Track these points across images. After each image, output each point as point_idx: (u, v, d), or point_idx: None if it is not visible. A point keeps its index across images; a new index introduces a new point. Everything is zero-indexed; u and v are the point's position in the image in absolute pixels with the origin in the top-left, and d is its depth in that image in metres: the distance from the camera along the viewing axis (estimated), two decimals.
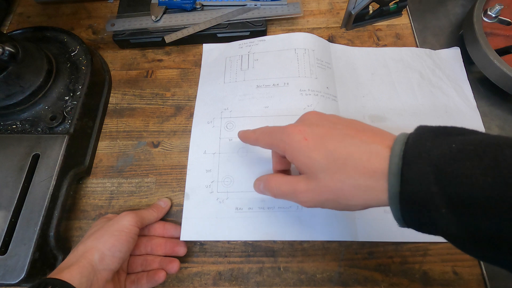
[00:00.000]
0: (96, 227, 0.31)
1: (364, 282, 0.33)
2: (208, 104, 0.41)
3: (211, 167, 0.37)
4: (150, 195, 0.38)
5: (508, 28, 0.41)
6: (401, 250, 0.34)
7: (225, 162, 0.36)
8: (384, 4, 0.45)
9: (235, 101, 0.40)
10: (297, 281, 0.34)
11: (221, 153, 0.37)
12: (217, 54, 0.45)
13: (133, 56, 0.47)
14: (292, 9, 0.45)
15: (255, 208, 0.34)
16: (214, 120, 0.39)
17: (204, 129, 0.39)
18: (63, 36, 0.43)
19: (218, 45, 0.46)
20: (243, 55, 0.43)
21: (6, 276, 0.30)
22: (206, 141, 0.38)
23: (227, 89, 0.41)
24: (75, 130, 0.37)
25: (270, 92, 0.39)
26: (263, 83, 0.40)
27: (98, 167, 0.40)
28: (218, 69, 0.43)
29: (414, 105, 0.40)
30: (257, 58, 0.42)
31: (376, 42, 0.46)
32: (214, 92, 0.41)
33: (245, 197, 0.35)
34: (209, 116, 0.40)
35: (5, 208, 0.32)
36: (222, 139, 0.38)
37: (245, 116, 0.38)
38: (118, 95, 0.44)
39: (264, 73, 0.41)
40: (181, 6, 0.45)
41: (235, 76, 0.42)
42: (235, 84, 0.41)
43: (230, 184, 0.35)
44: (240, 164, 0.36)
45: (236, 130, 0.37)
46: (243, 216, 0.34)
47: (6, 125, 0.37)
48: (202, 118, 0.40)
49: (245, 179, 0.35)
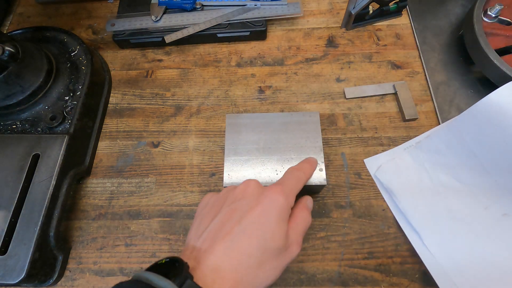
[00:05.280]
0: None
1: (364, 282, 0.33)
2: None
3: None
4: (150, 195, 0.38)
5: (508, 28, 0.41)
6: (401, 250, 0.34)
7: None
8: (384, 4, 0.45)
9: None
10: (297, 281, 0.34)
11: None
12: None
13: (133, 56, 0.47)
14: (292, 9, 0.45)
15: None
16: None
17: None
18: (63, 36, 0.43)
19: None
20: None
21: (6, 276, 0.30)
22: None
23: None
24: (75, 130, 0.37)
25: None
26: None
27: (98, 167, 0.40)
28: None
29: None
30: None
31: (376, 42, 0.46)
32: None
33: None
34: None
35: (5, 208, 0.32)
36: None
37: None
38: (118, 95, 0.44)
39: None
40: (181, 6, 0.45)
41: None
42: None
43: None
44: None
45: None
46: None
47: (6, 125, 0.37)
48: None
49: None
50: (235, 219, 0.23)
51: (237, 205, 0.24)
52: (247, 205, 0.24)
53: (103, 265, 0.35)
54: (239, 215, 0.23)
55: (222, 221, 0.23)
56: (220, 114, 0.42)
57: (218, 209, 0.25)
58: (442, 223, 0.33)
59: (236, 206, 0.24)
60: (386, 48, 0.46)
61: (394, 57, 0.45)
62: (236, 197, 0.25)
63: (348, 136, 0.40)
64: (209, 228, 0.23)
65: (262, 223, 0.23)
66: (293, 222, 0.25)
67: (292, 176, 0.27)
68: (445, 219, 0.33)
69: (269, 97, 0.43)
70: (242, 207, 0.23)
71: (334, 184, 0.38)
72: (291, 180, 0.27)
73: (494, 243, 0.31)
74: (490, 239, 0.32)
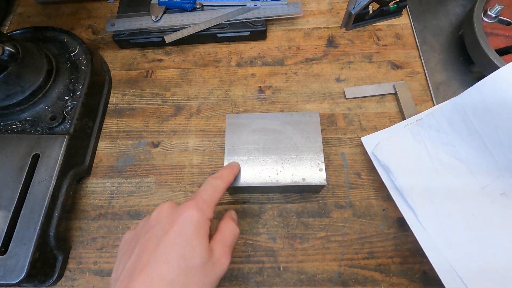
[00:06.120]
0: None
1: (364, 282, 0.33)
2: None
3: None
4: (150, 195, 0.38)
5: (508, 28, 0.41)
6: (401, 250, 0.34)
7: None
8: (384, 4, 0.45)
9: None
10: (297, 281, 0.34)
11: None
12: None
13: (133, 56, 0.47)
14: (292, 9, 0.45)
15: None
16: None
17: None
18: (63, 36, 0.43)
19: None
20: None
21: (6, 276, 0.30)
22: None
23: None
24: (75, 130, 0.37)
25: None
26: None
27: (98, 167, 0.40)
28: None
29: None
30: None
31: (376, 42, 0.46)
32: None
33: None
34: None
35: (5, 208, 0.32)
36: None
37: None
38: (118, 95, 0.44)
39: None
40: (181, 6, 0.45)
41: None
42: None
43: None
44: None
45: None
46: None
47: (6, 125, 0.37)
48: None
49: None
50: (150, 248, 0.22)
51: (152, 232, 0.23)
52: (161, 229, 0.23)
53: (103, 265, 0.35)
54: (155, 243, 0.22)
55: (139, 254, 0.22)
56: (220, 114, 0.42)
57: (135, 243, 0.23)
58: (439, 201, 0.33)
59: (151, 234, 0.23)
60: (386, 48, 0.46)
61: (394, 57, 0.45)
62: (150, 224, 0.24)
63: (348, 136, 0.40)
64: (127, 265, 0.22)
65: (179, 243, 0.22)
66: (219, 235, 0.25)
67: (207, 186, 0.27)
68: (441, 198, 0.33)
69: (269, 97, 0.43)
70: (157, 233, 0.23)
71: (334, 184, 0.38)
72: (206, 190, 0.26)
73: (490, 222, 0.31)
74: (486, 218, 0.31)
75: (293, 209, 0.37)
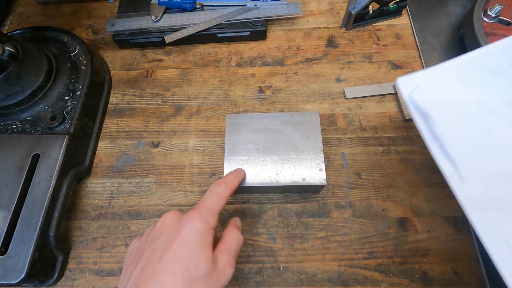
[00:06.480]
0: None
1: (364, 282, 0.33)
2: None
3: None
4: (150, 195, 0.38)
5: (508, 28, 0.41)
6: (401, 250, 0.34)
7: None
8: (384, 4, 0.45)
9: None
10: (297, 281, 0.34)
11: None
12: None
13: (133, 56, 0.47)
14: (292, 9, 0.45)
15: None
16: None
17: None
18: (63, 36, 0.43)
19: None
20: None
21: (6, 276, 0.30)
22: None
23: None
24: (75, 130, 0.37)
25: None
26: None
27: (98, 167, 0.40)
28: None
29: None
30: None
31: (376, 42, 0.46)
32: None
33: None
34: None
35: (5, 208, 0.32)
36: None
37: None
38: (118, 95, 0.44)
39: None
40: (181, 6, 0.45)
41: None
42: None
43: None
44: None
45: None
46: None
47: (6, 125, 0.37)
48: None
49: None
50: (155, 259, 0.22)
51: (156, 243, 0.23)
52: (165, 240, 0.23)
53: (103, 265, 0.35)
54: (159, 254, 0.22)
55: (144, 265, 0.22)
56: (220, 114, 0.42)
57: (141, 253, 0.24)
58: (487, 155, 0.28)
59: (156, 245, 0.23)
60: (386, 48, 0.46)
61: (394, 57, 0.45)
62: (155, 235, 0.24)
63: (348, 136, 0.40)
64: (133, 276, 0.22)
65: (183, 255, 0.22)
66: (224, 245, 0.25)
67: (211, 194, 0.27)
68: (489, 151, 0.29)
69: (269, 97, 0.43)
70: (161, 244, 0.23)
71: (334, 184, 0.38)
72: (210, 199, 0.26)
73: None
74: None
75: (293, 209, 0.37)
